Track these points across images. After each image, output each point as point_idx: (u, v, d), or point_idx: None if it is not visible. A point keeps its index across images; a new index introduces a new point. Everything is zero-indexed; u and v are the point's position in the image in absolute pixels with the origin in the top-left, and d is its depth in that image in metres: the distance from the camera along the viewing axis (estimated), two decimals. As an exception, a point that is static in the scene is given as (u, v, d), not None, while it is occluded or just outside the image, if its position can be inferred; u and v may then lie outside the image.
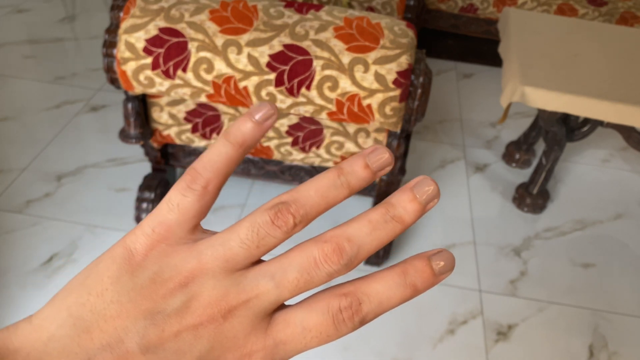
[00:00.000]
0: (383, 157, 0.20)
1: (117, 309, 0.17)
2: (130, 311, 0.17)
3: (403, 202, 0.19)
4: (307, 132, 1.15)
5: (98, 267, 0.18)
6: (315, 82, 0.95)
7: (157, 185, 1.30)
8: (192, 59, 0.96)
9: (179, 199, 0.19)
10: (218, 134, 1.18)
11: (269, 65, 0.95)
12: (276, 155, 1.20)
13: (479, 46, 2.22)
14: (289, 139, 1.17)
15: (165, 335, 0.17)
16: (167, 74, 0.98)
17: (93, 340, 0.17)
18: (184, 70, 0.97)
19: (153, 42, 0.95)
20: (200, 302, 0.17)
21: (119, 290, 0.17)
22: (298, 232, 0.19)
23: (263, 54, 0.95)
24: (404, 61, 0.95)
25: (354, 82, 0.95)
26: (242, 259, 0.18)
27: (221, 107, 1.13)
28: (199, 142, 1.19)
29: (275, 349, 0.18)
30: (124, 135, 1.13)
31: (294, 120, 1.14)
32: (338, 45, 0.95)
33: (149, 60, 0.96)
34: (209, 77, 0.97)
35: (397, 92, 0.95)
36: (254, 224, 0.18)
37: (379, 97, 0.96)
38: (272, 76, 0.95)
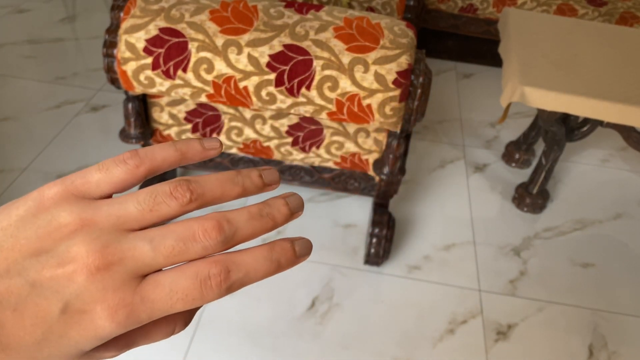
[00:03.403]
0: (274, 176, 0.23)
1: (12, 243, 0.18)
2: (23, 247, 0.18)
3: (278, 205, 0.22)
4: (307, 132, 1.15)
5: (13, 205, 0.20)
6: (315, 82, 0.96)
7: (157, 185, 1.30)
8: (193, 59, 0.96)
9: (111, 165, 0.21)
10: (218, 133, 1.18)
11: (269, 65, 0.95)
12: (276, 155, 1.21)
13: (479, 46, 2.23)
14: (289, 139, 1.17)
15: (44, 274, 0.18)
16: (167, 74, 0.98)
17: None
18: (184, 70, 0.97)
19: (153, 42, 0.95)
20: (80, 251, 0.18)
21: (20, 227, 0.19)
22: (192, 210, 0.21)
23: (263, 54, 0.95)
24: (403, 61, 0.95)
25: (354, 82, 0.95)
26: (133, 219, 0.19)
27: (221, 107, 1.14)
28: (199, 142, 1.19)
29: (142, 306, 0.19)
30: (124, 135, 1.13)
31: (294, 120, 1.14)
32: (338, 45, 0.95)
33: (149, 60, 0.96)
34: (209, 77, 0.97)
35: (397, 92, 0.96)
36: (154, 190, 0.20)
37: (379, 97, 0.96)
38: (272, 76, 0.96)
